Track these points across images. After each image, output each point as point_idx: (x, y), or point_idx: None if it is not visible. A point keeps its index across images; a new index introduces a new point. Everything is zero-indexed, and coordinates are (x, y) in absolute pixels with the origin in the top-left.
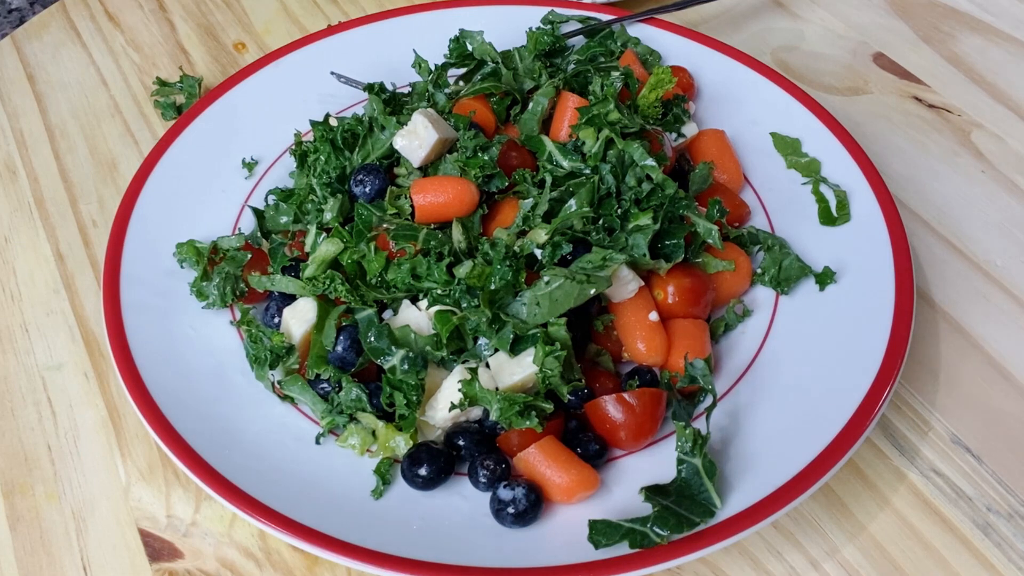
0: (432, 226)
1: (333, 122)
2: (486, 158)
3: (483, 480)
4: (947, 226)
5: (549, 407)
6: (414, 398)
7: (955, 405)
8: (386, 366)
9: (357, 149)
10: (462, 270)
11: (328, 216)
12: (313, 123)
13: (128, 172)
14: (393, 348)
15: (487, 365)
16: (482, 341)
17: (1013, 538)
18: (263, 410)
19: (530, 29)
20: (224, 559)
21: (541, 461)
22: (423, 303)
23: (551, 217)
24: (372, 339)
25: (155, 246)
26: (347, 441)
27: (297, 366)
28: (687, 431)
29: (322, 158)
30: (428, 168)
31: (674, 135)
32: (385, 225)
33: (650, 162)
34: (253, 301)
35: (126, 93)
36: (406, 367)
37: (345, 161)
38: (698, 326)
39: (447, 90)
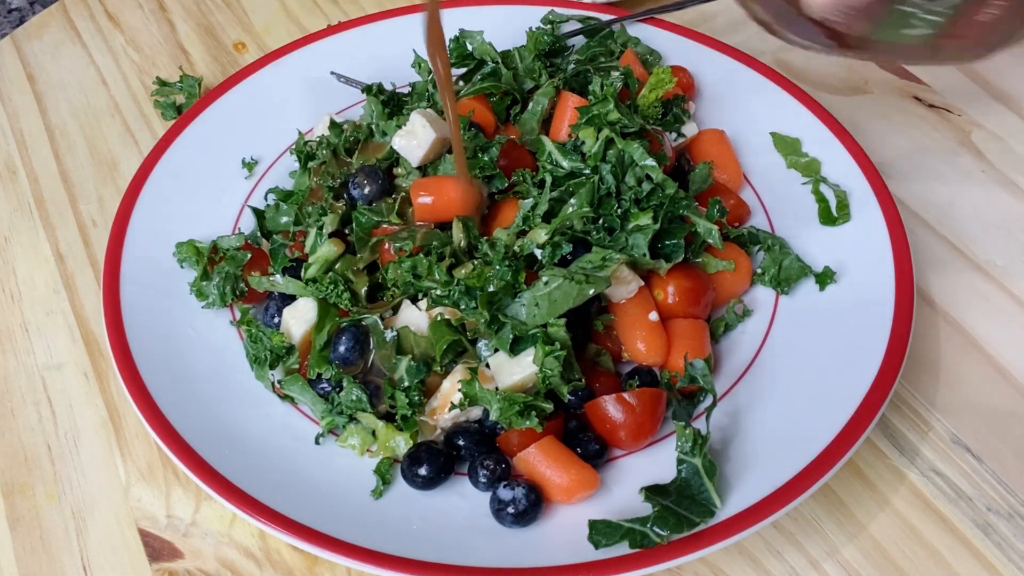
0: (432, 226)
1: (333, 119)
2: (486, 158)
3: (483, 480)
4: (947, 226)
5: (549, 407)
6: (416, 398)
7: (955, 405)
8: (394, 375)
9: (356, 154)
10: (461, 270)
11: (328, 229)
12: (332, 124)
13: (128, 172)
14: (398, 356)
15: (487, 365)
16: (482, 341)
17: (1013, 538)
18: (263, 410)
19: (530, 29)
20: (224, 559)
21: (541, 461)
22: (423, 303)
23: (551, 217)
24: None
25: (155, 246)
26: (347, 441)
27: (297, 366)
28: (687, 431)
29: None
30: (427, 168)
31: (674, 135)
32: (385, 226)
33: (650, 162)
34: (253, 301)
35: (126, 93)
36: (411, 373)
37: (346, 168)
38: (698, 326)
39: None
